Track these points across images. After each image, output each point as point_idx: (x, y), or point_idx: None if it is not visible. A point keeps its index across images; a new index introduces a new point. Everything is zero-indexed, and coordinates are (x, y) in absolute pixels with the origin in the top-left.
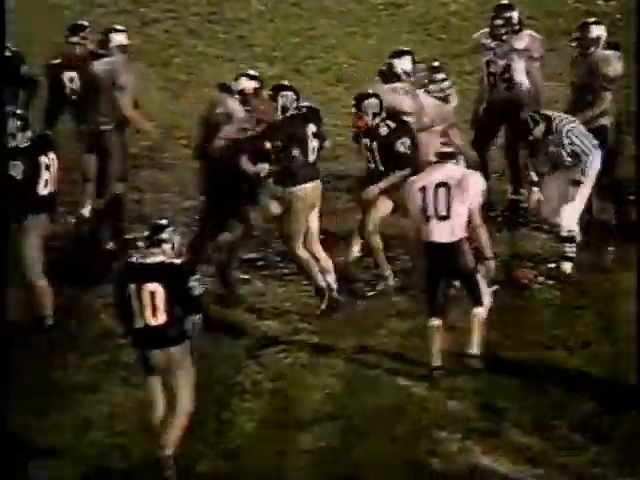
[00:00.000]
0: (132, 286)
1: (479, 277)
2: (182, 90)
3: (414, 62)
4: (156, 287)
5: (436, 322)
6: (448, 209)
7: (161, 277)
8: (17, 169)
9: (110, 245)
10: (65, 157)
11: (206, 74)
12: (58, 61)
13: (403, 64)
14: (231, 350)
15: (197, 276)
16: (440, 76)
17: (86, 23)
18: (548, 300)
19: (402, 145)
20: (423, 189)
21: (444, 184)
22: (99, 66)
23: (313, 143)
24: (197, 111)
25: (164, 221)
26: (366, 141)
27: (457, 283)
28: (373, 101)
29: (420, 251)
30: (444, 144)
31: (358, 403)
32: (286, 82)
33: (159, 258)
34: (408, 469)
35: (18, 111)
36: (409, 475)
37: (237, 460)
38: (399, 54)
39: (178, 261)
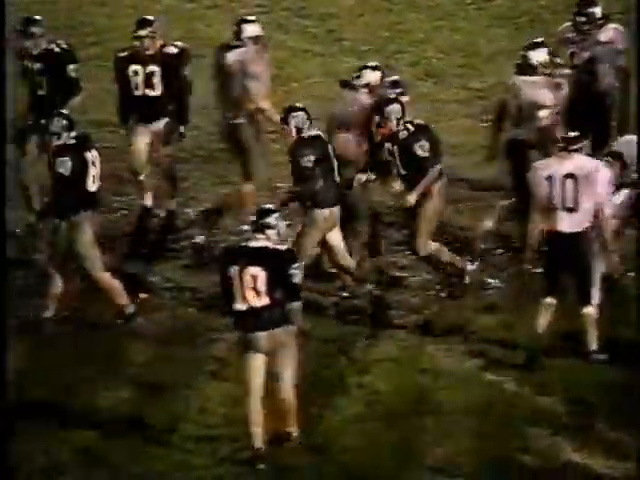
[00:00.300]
0: (235, 268)
1: (595, 273)
2: (271, 84)
3: (550, 54)
4: (258, 271)
5: (550, 300)
6: (575, 202)
7: (263, 262)
8: (65, 165)
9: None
10: None
11: (295, 69)
12: (125, 54)
13: (539, 56)
14: (319, 344)
15: (298, 264)
16: (559, 61)
17: (151, 18)
18: None
19: (420, 148)
20: (550, 178)
21: (572, 175)
22: (231, 57)
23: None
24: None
25: (270, 206)
26: (388, 145)
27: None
28: (395, 107)
29: (543, 238)
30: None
31: (447, 398)
32: None
33: (263, 243)
34: (498, 465)
35: (63, 111)
36: (499, 471)
37: (323, 455)
38: (534, 46)
39: (282, 247)
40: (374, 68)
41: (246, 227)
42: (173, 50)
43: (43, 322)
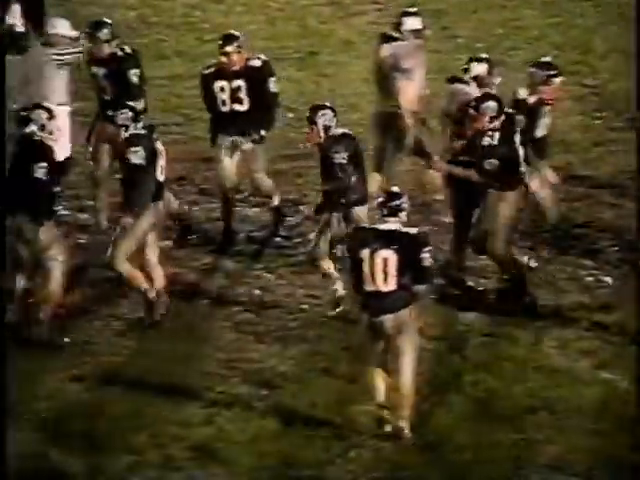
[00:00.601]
0: (365, 251)
1: None
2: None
3: None
4: (389, 254)
5: None
6: None
7: (395, 245)
8: (139, 155)
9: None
10: None
11: None
12: (210, 70)
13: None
14: (433, 342)
15: (430, 247)
16: None
17: (237, 33)
18: None
19: (509, 152)
20: None
21: None
22: (387, 49)
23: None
24: None
25: (398, 189)
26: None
27: None
28: (491, 104)
29: None
30: None
31: (561, 396)
32: None
33: (395, 226)
34: (612, 464)
35: (130, 103)
36: (613, 470)
37: (434, 452)
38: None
39: (414, 230)
40: (482, 60)
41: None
42: (257, 63)
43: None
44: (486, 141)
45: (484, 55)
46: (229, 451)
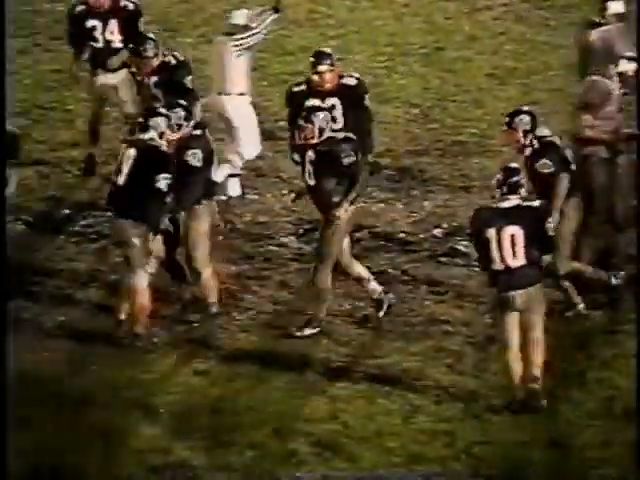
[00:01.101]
0: (491, 230)
1: None
2: (509, 78)
3: None
4: (516, 230)
5: None
6: None
7: (520, 220)
8: (197, 157)
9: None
10: None
11: (535, 61)
12: (301, 88)
13: None
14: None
15: (552, 217)
16: None
17: (329, 50)
18: None
19: (543, 166)
20: None
21: None
22: (595, 34)
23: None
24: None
25: (516, 165)
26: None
27: None
28: (525, 118)
29: None
30: None
31: None
32: None
33: (516, 202)
34: None
35: (182, 102)
36: None
37: (562, 449)
38: None
39: (536, 203)
40: (632, 59)
41: None
42: (352, 82)
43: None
44: (527, 151)
45: (634, 54)
46: (353, 446)
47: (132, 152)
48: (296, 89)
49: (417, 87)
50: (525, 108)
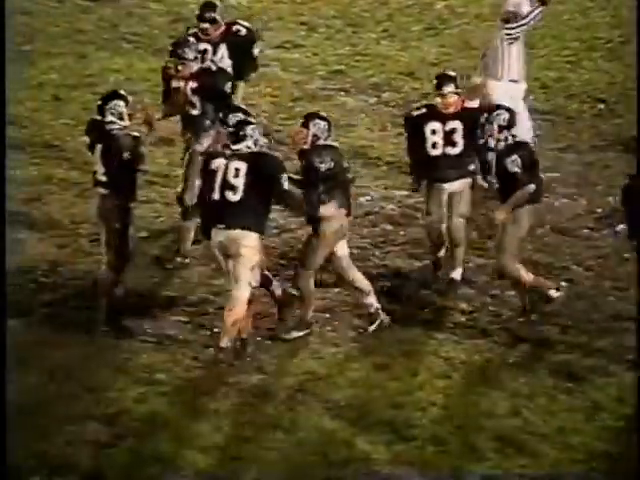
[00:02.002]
0: None
1: None
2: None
3: None
4: None
5: None
6: None
7: None
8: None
9: None
10: None
11: None
12: (421, 112)
13: None
14: None
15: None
16: None
17: (453, 73)
18: None
19: (513, 164)
20: None
21: None
22: None
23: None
24: None
25: None
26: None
27: None
28: (502, 113)
29: None
30: None
31: None
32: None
33: None
34: None
35: (238, 104)
36: None
37: None
38: None
39: None
40: None
41: None
42: (475, 105)
43: None
44: (500, 145)
45: None
46: (535, 443)
47: (240, 164)
48: (415, 113)
49: (602, 82)
50: (505, 104)
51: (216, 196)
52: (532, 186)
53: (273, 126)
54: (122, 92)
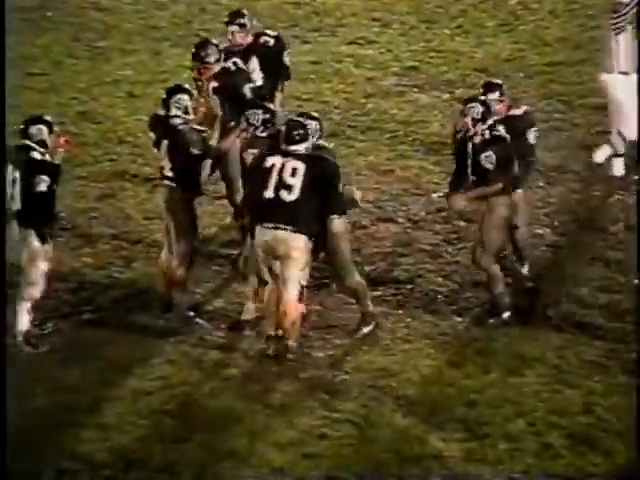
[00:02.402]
0: None
1: None
2: None
3: None
4: None
5: None
6: None
7: None
8: None
9: None
10: None
11: None
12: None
13: None
14: None
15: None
16: None
17: (499, 81)
18: None
19: (487, 160)
20: None
21: None
22: None
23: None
24: None
25: None
26: (465, 146)
27: None
28: (476, 107)
29: None
30: None
31: None
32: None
33: None
34: None
35: (267, 104)
36: None
37: None
38: None
39: None
40: None
41: None
42: (519, 111)
43: None
44: (477, 139)
45: None
46: (609, 441)
47: (298, 164)
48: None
49: None
50: (481, 98)
51: (269, 194)
52: (500, 186)
53: (346, 122)
54: (187, 86)
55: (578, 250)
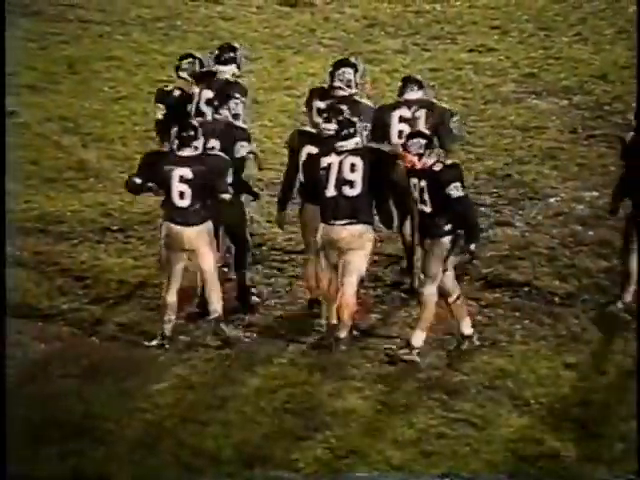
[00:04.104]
0: None
1: None
2: None
3: None
4: None
5: None
6: None
7: None
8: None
9: None
10: None
11: None
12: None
13: None
14: None
15: None
16: None
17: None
18: None
19: (456, 189)
20: None
21: None
22: None
23: None
24: None
25: None
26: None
27: None
28: (417, 142)
29: None
30: None
31: None
32: None
33: None
34: None
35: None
36: None
37: None
38: None
39: None
40: None
41: None
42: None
43: None
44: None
45: None
46: None
47: (355, 159)
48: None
49: None
50: (422, 130)
51: (331, 192)
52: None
53: (465, 128)
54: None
55: None
